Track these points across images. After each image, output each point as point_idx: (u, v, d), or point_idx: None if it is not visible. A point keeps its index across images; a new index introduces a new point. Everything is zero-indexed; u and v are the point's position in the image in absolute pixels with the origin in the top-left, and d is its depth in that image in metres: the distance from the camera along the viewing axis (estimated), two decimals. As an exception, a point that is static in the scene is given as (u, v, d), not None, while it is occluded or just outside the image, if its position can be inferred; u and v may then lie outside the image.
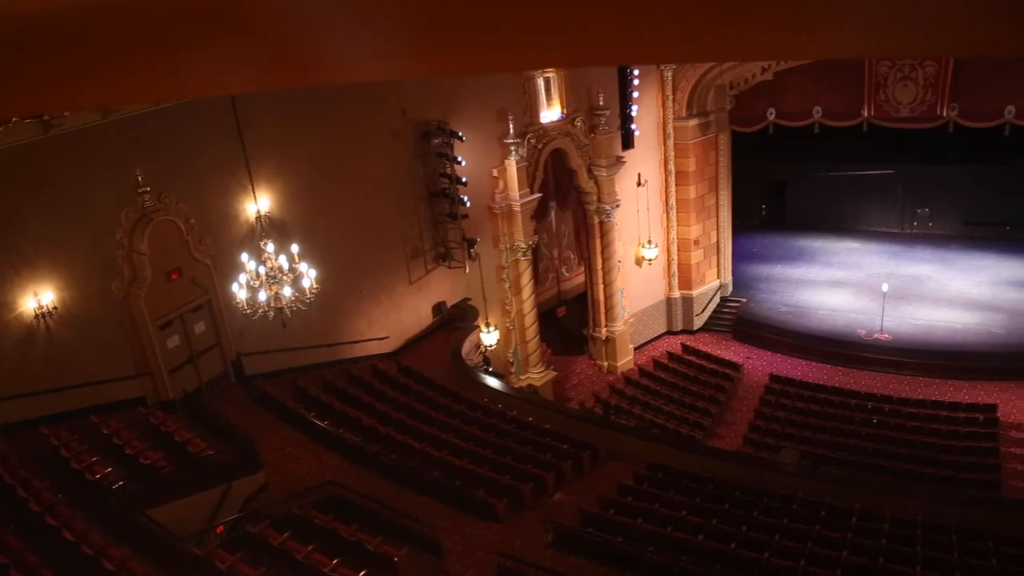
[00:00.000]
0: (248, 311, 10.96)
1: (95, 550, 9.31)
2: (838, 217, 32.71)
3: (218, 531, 11.09)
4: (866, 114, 22.88)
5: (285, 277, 11.01)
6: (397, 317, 18.00)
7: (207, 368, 14.94)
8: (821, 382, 22.10)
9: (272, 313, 11.00)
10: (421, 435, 14.12)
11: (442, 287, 18.94)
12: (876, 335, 23.92)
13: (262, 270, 10.97)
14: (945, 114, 21.95)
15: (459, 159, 17.65)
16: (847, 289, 27.19)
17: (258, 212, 14.60)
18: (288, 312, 11.10)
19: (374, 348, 17.53)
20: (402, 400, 15.78)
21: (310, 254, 12.93)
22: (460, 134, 17.50)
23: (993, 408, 19.87)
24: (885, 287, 24.59)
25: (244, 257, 11.08)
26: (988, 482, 16.90)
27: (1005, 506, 15.10)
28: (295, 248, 11.46)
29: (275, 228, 14.51)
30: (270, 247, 11.03)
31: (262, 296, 10.86)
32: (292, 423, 14.38)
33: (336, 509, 11.69)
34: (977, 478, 16.93)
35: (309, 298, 11.37)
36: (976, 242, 29.99)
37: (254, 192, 13.80)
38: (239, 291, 10.95)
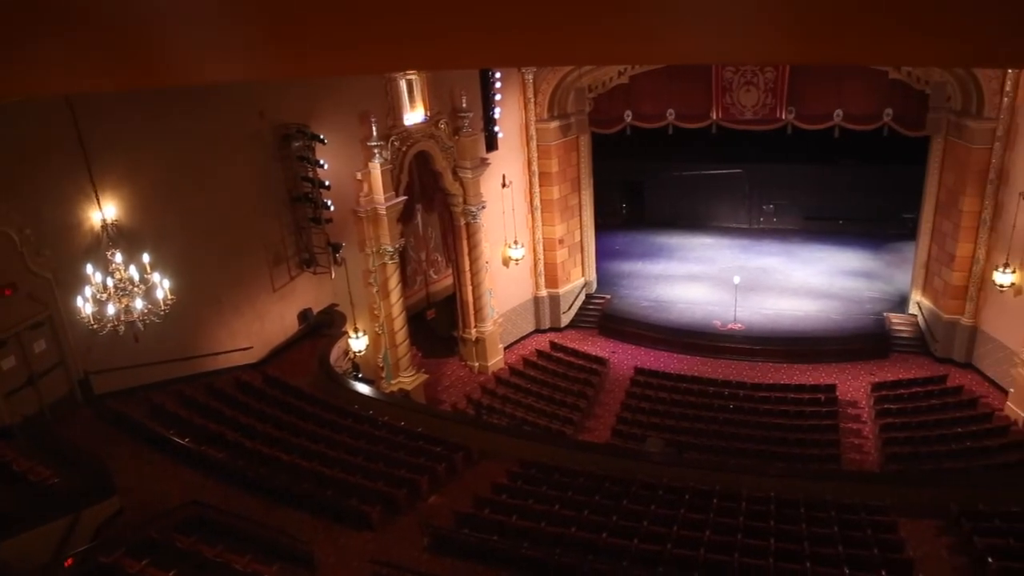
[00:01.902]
0: (95, 326, 10.28)
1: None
2: (693, 214, 34.48)
3: (66, 564, 10.31)
4: (715, 116, 24.20)
5: (136, 289, 10.39)
6: (261, 326, 17.38)
7: (50, 389, 13.86)
8: (682, 372, 23.17)
9: (123, 327, 10.36)
10: (289, 446, 13.70)
11: (308, 294, 18.45)
12: (730, 325, 25.34)
13: (110, 282, 10.31)
14: (784, 117, 23.56)
15: (321, 162, 17.25)
16: (703, 283, 28.65)
17: (104, 220, 13.68)
18: (140, 326, 10.49)
19: (237, 359, 16.84)
20: (268, 412, 15.25)
21: (164, 264, 12.27)
22: (322, 137, 17.11)
23: (832, 388, 21.53)
24: (737, 280, 26.12)
25: (89, 269, 10.37)
26: (830, 456, 18.30)
27: (844, 477, 16.46)
28: (147, 258, 10.84)
29: (124, 237, 13.65)
30: (118, 257, 10.38)
31: (111, 310, 10.21)
32: (149, 443, 13.58)
33: (200, 530, 11.14)
34: (820, 453, 18.30)
35: (163, 310, 10.79)
36: (815, 235, 32.44)
37: (98, 199, 12.93)
38: (84, 305, 10.25)
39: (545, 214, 25.56)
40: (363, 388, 17.68)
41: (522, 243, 24.81)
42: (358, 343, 18.74)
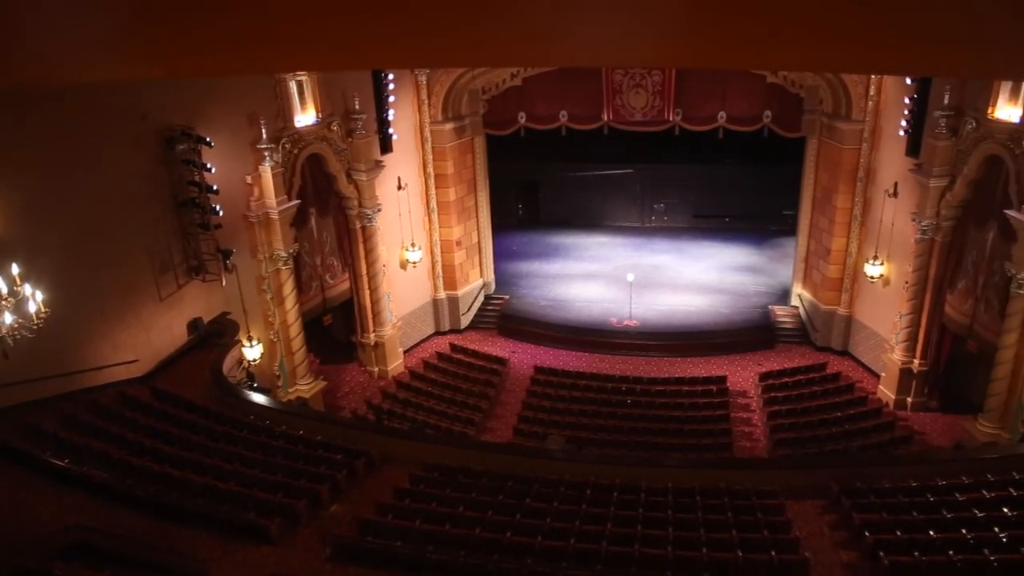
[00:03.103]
0: (-41, 343, 9.56)
1: None
2: (587, 214, 35.20)
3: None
4: (606, 118, 24.79)
5: (4, 303, 9.73)
6: (147, 337, 16.57)
7: (-92, 413, 12.80)
8: (581, 370, 23.61)
9: (-9, 344, 9.69)
10: (181, 462, 13.13)
11: (197, 302, 17.73)
12: (626, 322, 26.00)
13: (-25, 296, 9.62)
14: (672, 118, 24.38)
15: (208, 166, 16.62)
16: (599, 281, 29.28)
17: (-35, 230, 12.75)
18: (10, 341, 9.83)
19: (122, 373, 16.00)
20: (157, 427, 14.56)
21: (39, 275, 11.52)
22: (208, 139, 16.49)
23: (723, 379, 22.43)
24: (631, 277, 26.83)
25: (-50, 282, 9.65)
26: (723, 445, 19.07)
27: (736, 464, 17.20)
28: (16, 269, 10.16)
29: (-10, 247, 12.74)
30: (-16, 269, 9.69)
31: (-24, 325, 9.53)
32: (24, 465, 12.70)
33: (83, 556, 10.51)
34: (714, 442, 19.05)
35: (37, 324, 10.14)
36: (703, 233, 33.74)
37: (-41, 207, 12.04)
38: (-54, 321, 9.52)
39: (442, 216, 25.51)
40: (259, 398, 17.17)
41: (419, 245, 24.67)
42: (252, 352, 18.17)
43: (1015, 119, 16.70)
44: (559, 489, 13.58)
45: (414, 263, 24.67)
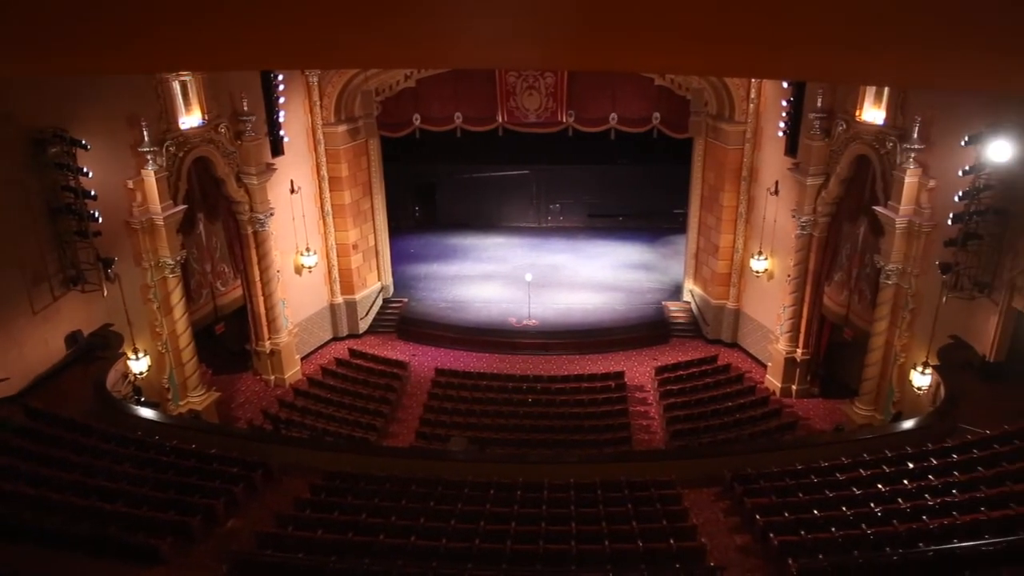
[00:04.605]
0: None
1: None
2: (485, 215, 35.38)
3: None
4: (501, 120, 24.96)
5: None
6: (20, 354, 15.51)
7: None
8: (482, 370, 23.69)
9: None
10: (61, 484, 12.36)
11: (77, 314, 16.75)
12: (525, 321, 26.27)
13: None
14: (565, 120, 24.80)
15: (85, 170, 15.73)
16: (497, 281, 29.47)
17: None
18: None
19: (-8, 393, 14.94)
20: (32, 449, 13.64)
21: None
22: (84, 142, 15.60)
23: (621, 375, 22.99)
24: (529, 277, 27.15)
25: None
26: (622, 439, 19.54)
27: (635, 457, 17.68)
28: None
29: None
30: None
31: None
32: None
33: (-47, 590, 9.80)
34: (614, 437, 19.50)
35: None
36: (598, 232, 34.51)
37: None
38: None
39: (337, 219, 25.06)
40: (147, 412, 16.40)
41: (315, 250, 24.15)
42: (138, 365, 17.32)
43: (879, 121, 17.86)
44: (463, 490, 13.59)
45: (309, 268, 24.14)
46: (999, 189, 15.30)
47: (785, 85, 20.94)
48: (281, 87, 21.85)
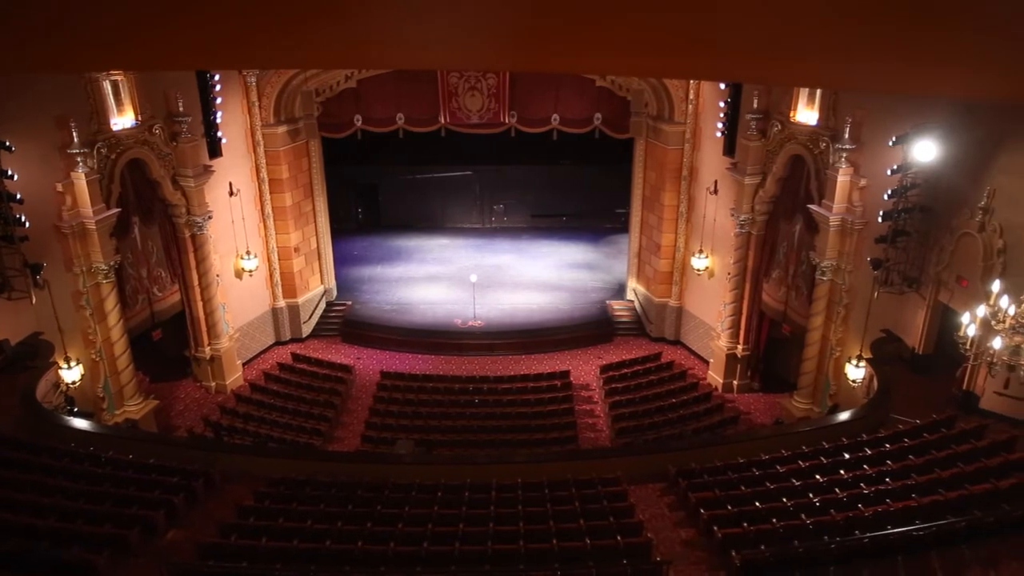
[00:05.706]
0: None
1: None
2: (428, 216, 35.23)
3: None
4: (443, 120, 24.88)
5: None
6: (-58, 365, 14.91)
7: None
8: (428, 372, 23.59)
9: None
10: (-10, 500, 11.92)
11: (3, 323, 16.14)
12: (470, 322, 26.24)
13: None
14: (507, 121, 24.85)
15: (10, 173, 15.15)
16: (442, 283, 29.37)
17: None
18: None
19: (-88, 406, 14.30)
20: (-41, 463, 13.13)
21: None
22: (7, 143, 15.03)
23: (567, 374, 23.15)
24: (473, 278, 27.13)
25: None
26: (568, 438, 19.68)
27: (581, 456, 17.82)
28: None
29: None
30: None
31: None
32: None
33: None
34: (560, 436, 19.62)
35: None
36: (542, 232, 34.68)
37: None
38: None
39: (278, 222, 24.64)
40: (80, 423, 15.91)
41: (255, 253, 23.71)
42: (71, 374, 16.74)
43: (813, 122, 18.38)
44: (410, 493, 13.53)
45: (250, 272, 23.68)
46: (925, 188, 15.92)
47: (723, 86, 21.38)
48: (218, 87, 21.37)
